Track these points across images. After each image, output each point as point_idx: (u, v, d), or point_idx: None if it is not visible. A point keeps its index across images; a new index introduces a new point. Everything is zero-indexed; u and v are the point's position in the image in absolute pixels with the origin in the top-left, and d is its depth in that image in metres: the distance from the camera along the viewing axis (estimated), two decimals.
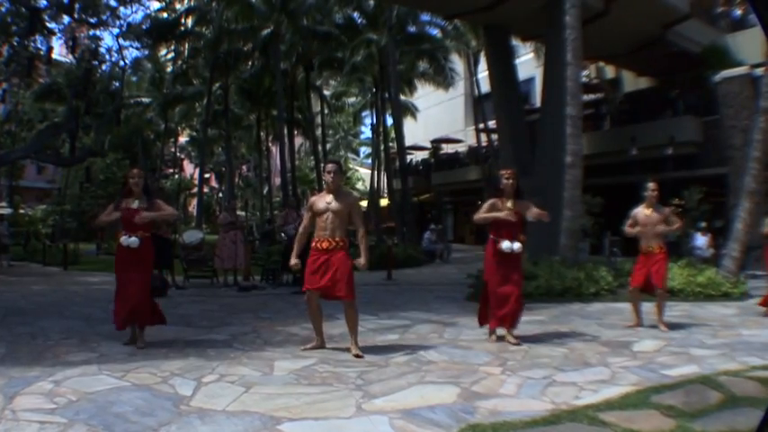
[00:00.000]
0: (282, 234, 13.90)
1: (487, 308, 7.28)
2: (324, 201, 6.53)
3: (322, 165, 37.70)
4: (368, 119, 51.06)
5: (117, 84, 36.41)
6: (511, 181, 7.17)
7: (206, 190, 49.87)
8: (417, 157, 44.99)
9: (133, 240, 6.71)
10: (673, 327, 8.01)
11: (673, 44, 24.30)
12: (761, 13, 2.20)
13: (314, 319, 6.69)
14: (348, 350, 6.42)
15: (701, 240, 18.22)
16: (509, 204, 7.12)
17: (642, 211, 8.31)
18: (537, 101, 27.08)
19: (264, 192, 46.11)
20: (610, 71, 31.49)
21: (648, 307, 8.38)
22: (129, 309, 6.69)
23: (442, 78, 34.64)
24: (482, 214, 7.25)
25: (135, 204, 6.87)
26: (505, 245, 7.00)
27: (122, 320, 6.77)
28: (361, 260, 6.50)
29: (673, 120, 23.93)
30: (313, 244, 6.53)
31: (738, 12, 27.87)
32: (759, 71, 16.82)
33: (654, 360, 6.09)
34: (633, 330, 7.95)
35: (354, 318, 6.48)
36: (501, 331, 7.21)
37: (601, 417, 4.25)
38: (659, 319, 8.10)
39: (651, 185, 8.29)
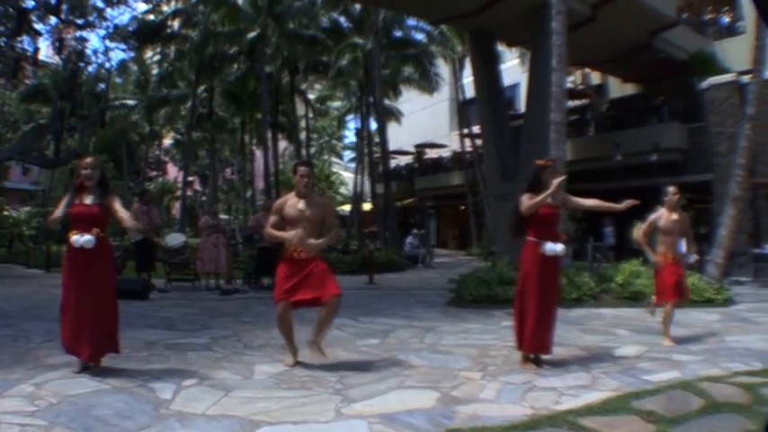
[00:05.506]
0: (255, 237, 13.70)
1: (522, 327, 6.08)
2: (295, 207, 5.99)
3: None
4: (352, 123, 51.14)
5: (102, 85, 36.24)
6: (551, 172, 6.14)
7: (189, 193, 49.67)
8: (401, 161, 45.06)
9: (88, 239, 5.52)
10: (655, 332, 7.92)
11: (659, 51, 24.44)
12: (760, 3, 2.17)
13: (286, 332, 6.10)
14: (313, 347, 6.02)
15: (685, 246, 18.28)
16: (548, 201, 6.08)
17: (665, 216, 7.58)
18: (522, 106, 27.15)
19: (248, 195, 46.04)
20: (596, 77, 31.65)
21: (630, 312, 8.37)
22: (98, 337, 5.56)
23: (427, 83, 34.61)
24: (529, 203, 6.03)
25: (89, 200, 5.71)
26: (548, 247, 5.99)
27: (90, 353, 5.58)
28: (314, 241, 5.98)
29: (658, 126, 23.97)
30: (287, 254, 5.99)
31: (726, 19, 28.07)
32: (746, 78, 16.93)
33: (635, 365, 6.10)
34: (614, 336, 7.95)
35: (333, 315, 6.12)
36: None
37: (581, 422, 4.25)
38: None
39: (672, 189, 7.61)
